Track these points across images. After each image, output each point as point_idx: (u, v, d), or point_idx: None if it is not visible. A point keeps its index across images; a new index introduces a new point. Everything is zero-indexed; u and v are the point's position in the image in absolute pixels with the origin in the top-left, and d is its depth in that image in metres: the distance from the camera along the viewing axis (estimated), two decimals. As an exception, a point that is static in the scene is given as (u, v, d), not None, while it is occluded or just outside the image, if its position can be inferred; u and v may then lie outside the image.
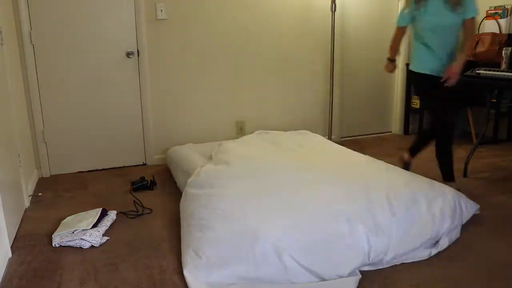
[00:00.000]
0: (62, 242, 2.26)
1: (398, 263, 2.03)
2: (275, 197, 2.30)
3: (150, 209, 2.75)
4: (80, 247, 2.24)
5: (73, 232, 2.31)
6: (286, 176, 2.62)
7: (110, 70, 3.52)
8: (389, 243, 2.05)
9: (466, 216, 2.40)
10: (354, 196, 2.29)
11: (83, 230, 2.31)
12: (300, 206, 2.19)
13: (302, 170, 2.73)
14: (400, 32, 2.90)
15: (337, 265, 1.91)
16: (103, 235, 2.35)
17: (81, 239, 2.25)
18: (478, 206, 2.52)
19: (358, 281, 1.86)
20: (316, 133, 4.04)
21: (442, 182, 2.67)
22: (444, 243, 2.17)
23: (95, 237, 2.27)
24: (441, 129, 2.78)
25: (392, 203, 2.23)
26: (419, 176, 2.66)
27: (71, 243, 2.26)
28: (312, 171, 2.70)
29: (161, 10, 3.57)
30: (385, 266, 2.01)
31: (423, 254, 2.09)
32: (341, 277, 1.88)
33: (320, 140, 3.58)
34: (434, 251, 2.12)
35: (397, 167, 2.85)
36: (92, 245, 2.26)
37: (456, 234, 2.28)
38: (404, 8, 2.82)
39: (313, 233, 1.98)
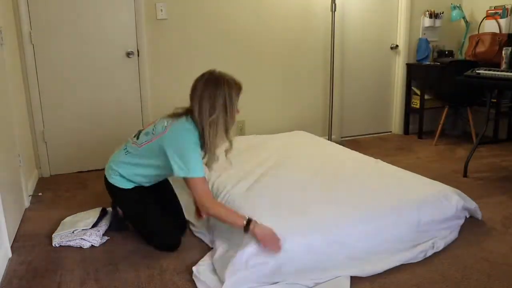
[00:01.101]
0: (62, 242, 2.26)
1: (397, 264, 2.03)
2: (271, 199, 2.30)
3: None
4: (80, 247, 2.24)
5: (73, 232, 2.30)
6: (284, 178, 2.62)
7: (110, 70, 3.52)
8: (385, 247, 2.07)
9: (465, 215, 2.41)
10: (351, 199, 2.29)
11: (82, 230, 2.31)
12: (296, 208, 2.17)
13: (300, 172, 2.73)
14: None
15: (332, 270, 1.92)
16: (103, 234, 2.35)
17: (81, 239, 2.25)
18: (476, 205, 2.50)
19: (349, 279, 1.87)
20: (316, 133, 4.05)
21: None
22: (440, 245, 2.16)
23: (95, 237, 2.27)
24: None
25: (390, 207, 2.23)
26: (420, 176, 2.66)
27: (71, 243, 2.26)
28: (311, 174, 2.70)
29: (161, 10, 3.57)
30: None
31: (419, 256, 2.08)
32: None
33: (317, 141, 3.60)
34: (430, 252, 2.11)
35: (396, 167, 2.86)
36: (92, 245, 2.26)
37: (454, 234, 2.27)
38: None
39: (311, 237, 1.97)
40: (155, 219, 2.21)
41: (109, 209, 2.52)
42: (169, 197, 2.44)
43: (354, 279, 1.90)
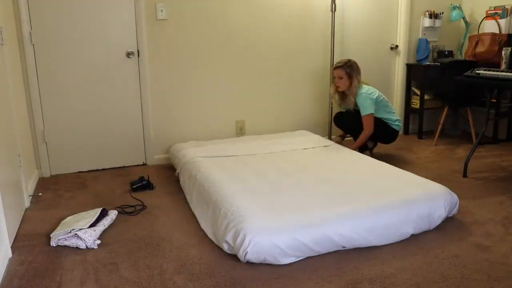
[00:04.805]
0: (59, 241, 2.26)
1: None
2: (265, 197, 2.38)
3: (142, 203, 2.76)
4: (80, 247, 2.24)
5: (70, 232, 2.30)
6: (278, 176, 2.68)
7: (110, 70, 3.52)
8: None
9: (448, 213, 2.46)
10: (340, 197, 2.36)
11: (80, 230, 2.30)
12: (286, 204, 2.27)
13: (294, 170, 2.79)
14: None
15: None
16: (101, 235, 2.35)
17: (77, 237, 2.24)
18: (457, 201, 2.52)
19: None
20: (316, 133, 4.04)
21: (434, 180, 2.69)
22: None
23: (89, 236, 2.25)
24: None
25: (380, 209, 2.27)
26: (415, 176, 2.69)
27: (67, 242, 2.25)
28: (301, 172, 2.76)
29: (161, 10, 3.57)
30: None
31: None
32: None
33: (314, 139, 3.63)
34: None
35: (392, 167, 2.88)
36: (87, 247, 2.25)
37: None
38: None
39: (304, 233, 2.05)
40: None
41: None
42: None
43: (353, 279, 1.90)
